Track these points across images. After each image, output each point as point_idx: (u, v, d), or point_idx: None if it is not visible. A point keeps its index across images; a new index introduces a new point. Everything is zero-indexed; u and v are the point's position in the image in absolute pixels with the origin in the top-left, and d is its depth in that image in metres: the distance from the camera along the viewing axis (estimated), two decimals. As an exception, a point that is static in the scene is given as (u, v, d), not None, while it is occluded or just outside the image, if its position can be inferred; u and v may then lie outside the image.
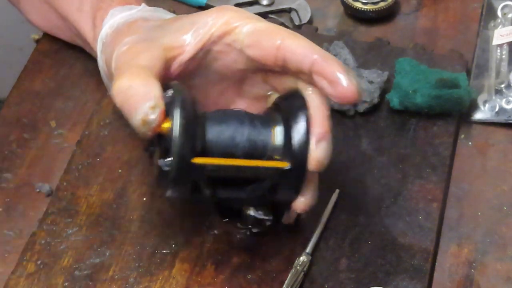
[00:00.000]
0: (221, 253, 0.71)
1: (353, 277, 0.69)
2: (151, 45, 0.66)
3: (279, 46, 0.64)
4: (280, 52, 0.64)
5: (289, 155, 0.64)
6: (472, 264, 0.70)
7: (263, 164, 0.64)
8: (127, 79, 0.62)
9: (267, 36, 0.65)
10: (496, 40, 0.84)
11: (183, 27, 0.67)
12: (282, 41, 0.65)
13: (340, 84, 0.62)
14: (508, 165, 0.77)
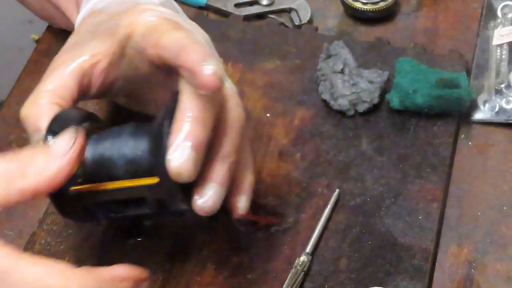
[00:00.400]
0: (221, 253, 0.71)
1: (353, 277, 0.69)
2: (73, 55, 0.65)
3: (156, 44, 0.62)
4: (157, 51, 0.62)
5: (156, 167, 0.59)
6: (472, 264, 0.70)
7: (131, 183, 0.60)
8: (25, 107, 0.64)
9: (150, 35, 0.63)
10: (496, 40, 0.84)
11: (101, 32, 0.66)
12: (159, 39, 0.62)
13: (198, 73, 0.58)
14: (508, 165, 0.77)
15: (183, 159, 0.58)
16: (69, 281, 0.52)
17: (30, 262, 0.53)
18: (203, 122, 0.60)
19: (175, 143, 0.59)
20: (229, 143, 0.62)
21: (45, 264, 0.53)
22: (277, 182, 0.76)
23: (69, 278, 0.52)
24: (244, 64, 0.85)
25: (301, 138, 0.79)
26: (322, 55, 0.82)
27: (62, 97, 0.64)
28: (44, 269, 0.52)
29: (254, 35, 0.87)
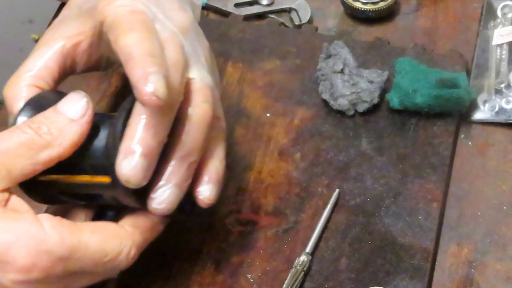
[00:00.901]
0: (221, 253, 0.71)
1: (353, 276, 0.69)
2: (57, 34, 0.65)
3: (114, 42, 0.60)
4: (115, 49, 0.60)
5: (108, 168, 0.59)
6: (472, 264, 0.70)
7: (89, 179, 0.60)
8: (6, 88, 0.64)
9: (112, 30, 0.61)
10: (496, 40, 0.84)
11: (85, 11, 0.66)
12: (117, 37, 0.60)
13: (139, 90, 0.56)
14: (508, 165, 0.77)
15: (131, 166, 0.58)
16: (123, 243, 0.60)
17: (89, 234, 0.58)
18: (155, 128, 0.58)
19: (124, 149, 0.58)
20: (189, 143, 0.61)
21: (101, 231, 0.59)
22: (277, 182, 0.76)
23: (122, 239, 0.60)
24: (244, 64, 0.85)
25: (301, 138, 0.79)
26: (322, 55, 0.82)
27: (42, 78, 0.64)
28: (102, 237, 0.59)
29: (254, 35, 0.87)
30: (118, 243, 0.59)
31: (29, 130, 0.59)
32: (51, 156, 0.59)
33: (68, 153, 0.59)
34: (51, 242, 0.56)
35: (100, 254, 0.58)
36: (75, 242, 0.57)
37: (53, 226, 0.57)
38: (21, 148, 0.58)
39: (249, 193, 0.75)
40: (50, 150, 0.59)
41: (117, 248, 0.59)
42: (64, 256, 0.57)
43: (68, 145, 0.59)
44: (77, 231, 0.58)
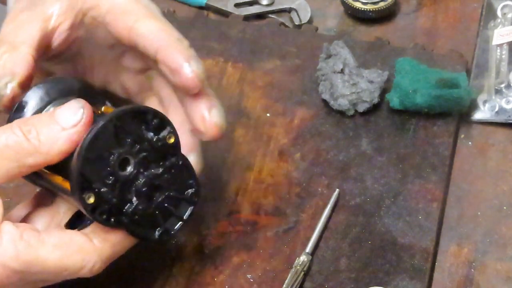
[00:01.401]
0: (221, 253, 0.71)
1: (353, 276, 0.69)
2: (33, 15, 0.64)
3: (131, 28, 0.62)
4: (131, 34, 0.62)
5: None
6: (472, 264, 0.70)
7: (59, 182, 0.61)
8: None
9: (122, 15, 0.63)
10: (496, 40, 0.84)
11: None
12: (134, 23, 0.62)
13: (181, 73, 0.60)
14: (508, 165, 0.77)
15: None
16: (86, 259, 0.58)
17: (49, 249, 0.57)
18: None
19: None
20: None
21: (64, 246, 0.58)
22: (277, 182, 0.76)
23: (86, 255, 0.58)
24: (244, 64, 0.85)
25: (301, 138, 0.79)
26: (322, 55, 0.82)
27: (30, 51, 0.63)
28: (63, 253, 0.57)
29: (254, 35, 0.87)
30: (81, 259, 0.58)
31: (19, 133, 0.58)
32: (37, 162, 0.58)
33: (55, 160, 0.58)
34: (5, 256, 0.56)
35: (59, 269, 0.58)
36: (31, 258, 0.57)
37: (11, 240, 0.57)
38: (8, 150, 0.58)
39: (249, 193, 0.75)
40: (37, 156, 0.58)
41: (79, 264, 0.59)
42: (19, 270, 0.57)
43: (55, 153, 0.58)
44: (35, 247, 0.57)
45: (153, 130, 0.60)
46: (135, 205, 0.60)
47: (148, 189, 0.60)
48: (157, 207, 0.61)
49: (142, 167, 0.60)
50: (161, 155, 0.61)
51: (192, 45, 0.86)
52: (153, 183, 0.60)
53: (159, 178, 0.61)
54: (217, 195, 0.75)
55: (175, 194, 0.62)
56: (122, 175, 0.59)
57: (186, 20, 0.89)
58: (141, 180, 0.60)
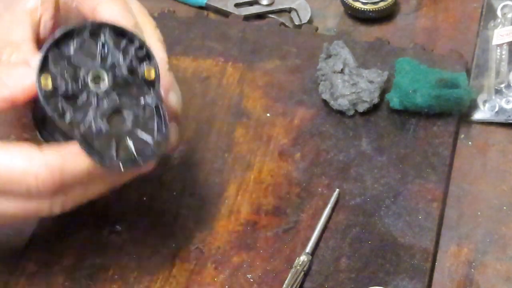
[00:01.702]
0: (221, 253, 0.71)
1: (353, 276, 0.69)
2: (18, 13, 0.64)
3: (94, 9, 0.63)
4: (95, 16, 0.63)
5: None
6: (472, 264, 0.70)
7: None
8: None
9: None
10: (496, 40, 0.84)
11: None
12: (97, 5, 0.63)
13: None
14: (508, 165, 0.77)
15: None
16: (32, 162, 0.57)
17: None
18: None
19: None
20: None
21: (9, 149, 0.58)
22: (277, 182, 0.76)
23: (32, 158, 0.57)
24: (244, 64, 0.85)
25: (301, 138, 0.79)
26: (322, 55, 0.82)
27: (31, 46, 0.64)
28: (8, 155, 0.58)
29: (254, 35, 0.87)
30: (25, 162, 0.58)
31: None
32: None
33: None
34: None
35: (4, 169, 0.58)
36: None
37: None
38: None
39: (249, 193, 0.75)
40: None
41: (22, 166, 0.58)
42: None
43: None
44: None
45: (135, 59, 0.60)
46: (93, 121, 0.58)
47: (112, 115, 0.59)
48: (115, 136, 0.59)
49: (113, 92, 0.59)
50: (138, 89, 0.60)
51: (192, 45, 0.86)
52: (119, 111, 0.59)
53: (128, 110, 0.59)
54: (217, 195, 0.75)
55: (139, 134, 0.60)
56: (89, 87, 0.59)
57: (186, 20, 0.89)
58: (107, 103, 0.59)
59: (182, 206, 0.74)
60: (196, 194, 0.75)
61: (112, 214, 0.74)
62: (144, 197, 0.75)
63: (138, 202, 0.74)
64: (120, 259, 0.71)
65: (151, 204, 0.74)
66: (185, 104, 0.81)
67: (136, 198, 0.75)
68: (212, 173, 0.76)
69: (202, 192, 0.75)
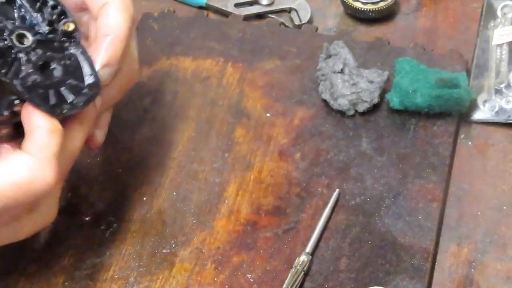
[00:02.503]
0: (221, 253, 0.71)
1: (353, 276, 0.69)
2: None
3: (104, 6, 0.65)
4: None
5: None
6: (472, 264, 0.70)
7: None
8: None
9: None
10: (496, 40, 0.84)
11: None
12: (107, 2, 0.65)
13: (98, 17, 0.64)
14: (508, 165, 0.77)
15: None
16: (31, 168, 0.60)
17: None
18: None
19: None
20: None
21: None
22: (277, 182, 0.76)
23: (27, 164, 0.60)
24: (244, 64, 0.85)
25: (301, 138, 0.79)
26: (322, 55, 0.82)
27: None
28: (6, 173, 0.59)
29: (254, 35, 0.87)
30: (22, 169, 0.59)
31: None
32: None
33: None
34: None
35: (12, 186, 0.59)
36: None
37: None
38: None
39: (249, 193, 0.75)
40: None
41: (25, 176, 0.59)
42: None
43: None
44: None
45: (52, 16, 0.64)
46: (27, 72, 0.61)
47: (43, 68, 0.63)
48: (52, 86, 0.62)
49: (39, 48, 0.63)
50: (60, 42, 0.64)
51: (192, 45, 0.86)
52: (49, 64, 0.63)
53: (56, 62, 0.63)
54: (217, 195, 0.75)
55: (71, 81, 0.63)
56: (15, 45, 0.62)
57: (186, 20, 0.89)
58: (35, 57, 0.62)
59: (182, 206, 0.74)
60: (195, 194, 0.75)
61: (112, 214, 0.74)
62: (144, 197, 0.75)
63: (138, 201, 0.74)
64: (120, 259, 0.71)
65: (151, 204, 0.74)
66: (185, 104, 0.82)
67: (136, 197, 0.75)
68: (212, 173, 0.76)
69: (201, 192, 0.75)
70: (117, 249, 0.71)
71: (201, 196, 0.75)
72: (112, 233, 0.72)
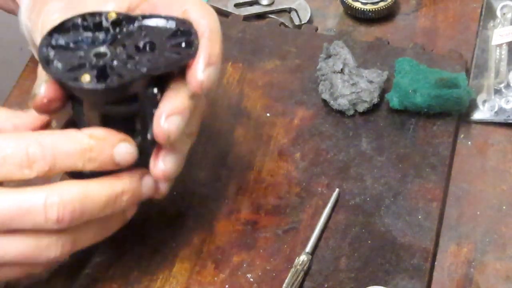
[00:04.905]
0: (221, 252, 0.71)
1: (353, 276, 0.69)
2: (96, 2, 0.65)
3: (183, 13, 0.63)
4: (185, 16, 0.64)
5: None
6: (472, 264, 0.71)
7: None
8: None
9: (173, 2, 0.64)
10: (495, 40, 0.84)
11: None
12: (185, 11, 0.63)
13: (193, 73, 0.61)
14: (507, 165, 0.77)
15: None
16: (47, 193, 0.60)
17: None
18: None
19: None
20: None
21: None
22: (277, 182, 0.76)
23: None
24: (244, 64, 0.85)
25: (301, 137, 0.79)
26: (322, 55, 0.82)
27: None
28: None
29: (254, 35, 0.87)
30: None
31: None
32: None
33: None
34: None
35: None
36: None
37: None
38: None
39: (249, 193, 0.75)
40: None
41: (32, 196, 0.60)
42: None
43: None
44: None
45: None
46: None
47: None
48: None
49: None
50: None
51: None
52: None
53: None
54: (217, 195, 0.75)
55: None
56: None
57: (186, 20, 0.89)
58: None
59: (182, 206, 0.74)
60: (196, 193, 0.75)
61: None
62: (144, 197, 0.75)
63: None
64: (120, 258, 0.71)
65: (151, 203, 0.74)
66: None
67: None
68: (212, 173, 0.76)
69: (202, 192, 0.75)
70: (117, 248, 0.71)
71: (201, 196, 0.75)
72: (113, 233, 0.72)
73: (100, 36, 0.61)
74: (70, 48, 0.60)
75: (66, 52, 0.60)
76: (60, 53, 0.60)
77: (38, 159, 0.59)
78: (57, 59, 0.60)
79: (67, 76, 0.59)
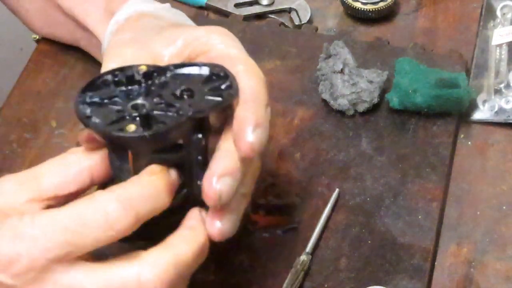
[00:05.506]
0: (221, 253, 0.71)
1: (353, 276, 0.69)
2: (141, 54, 0.64)
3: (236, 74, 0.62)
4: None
5: None
6: (472, 264, 0.71)
7: None
8: None
9: (228, 61, 0.63)
10: (496, 40, 0.84)
11: (174, 36, 0.65)
12: (237, 72, 0.63)
13: (240, 136, 0.59)
14: (507, 165, 0.77)
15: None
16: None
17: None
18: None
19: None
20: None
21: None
22: (277, 182, 0.76)
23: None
24: (244, 64, 0.85)
25: (301, 137, 0.79)
26: (322, 55, 0.82)
27: None
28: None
29: (254, 35, 0.87)
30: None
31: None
32: None
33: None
34: None
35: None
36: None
37: None
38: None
39: (249, 193, 0.75)
40: None
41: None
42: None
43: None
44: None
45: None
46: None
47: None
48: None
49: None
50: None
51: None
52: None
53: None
54: (217, 195, 0.75)
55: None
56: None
57: (186, 20, 0.89)
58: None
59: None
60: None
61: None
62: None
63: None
64: (121, 258, 0.71)
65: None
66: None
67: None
68: (212, 173, 0.76)
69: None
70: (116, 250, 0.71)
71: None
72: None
73: (134, 89, 0.61)
74: (105, 104, 0.60)
75: (102, 108, 0.59)
76: (97, 110, 0.59)
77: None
78: (94, 115, 0.59)
79: (110, 129, 0.58)
